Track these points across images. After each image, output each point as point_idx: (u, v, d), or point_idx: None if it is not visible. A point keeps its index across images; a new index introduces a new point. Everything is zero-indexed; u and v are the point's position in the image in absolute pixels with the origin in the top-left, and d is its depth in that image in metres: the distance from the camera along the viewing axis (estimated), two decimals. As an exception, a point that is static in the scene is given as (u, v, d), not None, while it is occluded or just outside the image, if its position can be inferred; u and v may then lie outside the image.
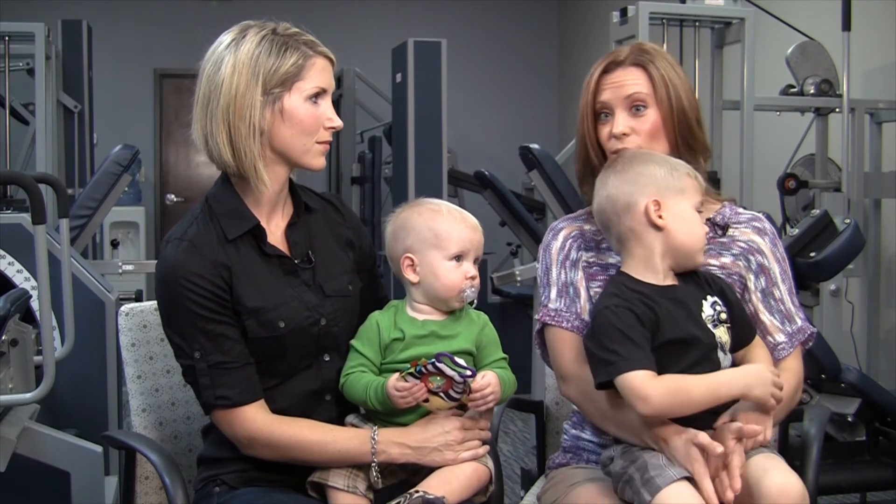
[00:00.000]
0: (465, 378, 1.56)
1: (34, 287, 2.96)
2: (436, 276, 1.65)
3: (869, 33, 4.49)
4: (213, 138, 1.60)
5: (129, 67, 7.42)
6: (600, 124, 1.77)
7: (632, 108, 1.74)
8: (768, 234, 1.79)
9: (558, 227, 1.88)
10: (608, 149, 1.75)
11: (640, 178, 1.61)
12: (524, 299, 5.21)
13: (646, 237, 1.60)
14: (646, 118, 1.73)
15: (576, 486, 1.71)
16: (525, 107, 8.21)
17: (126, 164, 4.06)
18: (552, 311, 1.80)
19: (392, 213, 1.75)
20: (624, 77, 1.75)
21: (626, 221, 1.61)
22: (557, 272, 1.82)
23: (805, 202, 4.21)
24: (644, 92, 1.73)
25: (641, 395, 1.48)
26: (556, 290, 1.81)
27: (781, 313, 1.76)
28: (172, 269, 1.59)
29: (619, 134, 1.72)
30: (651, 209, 1.59)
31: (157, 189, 7.79)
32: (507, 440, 4.67)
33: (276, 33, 1.62)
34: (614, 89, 1.75)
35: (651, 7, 3.80)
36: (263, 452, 1.62)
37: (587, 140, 1.79)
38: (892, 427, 3.24)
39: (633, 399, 1.49)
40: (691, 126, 1.76)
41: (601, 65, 1.79)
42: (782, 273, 1.77)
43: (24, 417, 2.60)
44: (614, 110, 1.75)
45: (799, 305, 1.79)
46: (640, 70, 1.75)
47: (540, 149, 4.53)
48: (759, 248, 1.77)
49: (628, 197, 1.61)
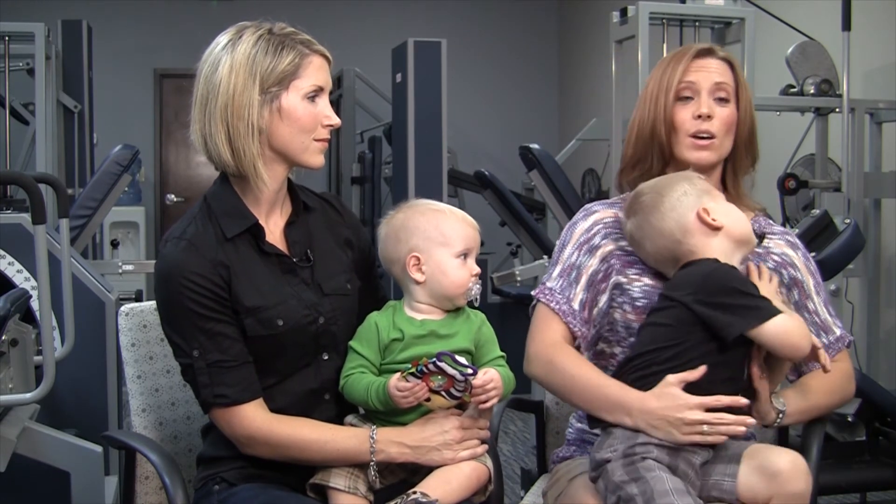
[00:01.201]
0: (467, 376, 1.56)
1: (34, 287, 2.96)
2: (444, 273, 1.66)
3: (869, 33, 4.49)
4: (211, 139, 1.61)
5: (129, 67, 7.42)
6: (679, 105, 1.78)
7: (716, 97, 1.77)
8: (800, 249, 1.83)
9: (592, 209, 1.87)
10: (686, 129, 1.76)
11: (673, 201, 1.66)
12: (524, 299, 5.19)
13: (711, 242, 1.64)
14: (727, 109, 1.78)
15: (577, 478, 1.72)
16: (525, 107, 8.20)
17: (126, 164, 4.06)
18: (547, 289, 1.81)
19: (385, 216, 1.74)
20: (715, 65, 1.79)
21: (687, 243, 1.65)
22: (570, 252, 1.82)
23: (805, 202, 4.21)
24: (730, 84, 1.78)
25: (802, 332, 1.58)
26: (560, 270, 1.82)
27: (817, 325, 1.80)
28: (171, 268, 1.59)
29: (705, 114, 1.75)
30: (703, 215, 1.64)
31: (157, 189, 7.80)
32: (507, 440, 4.67)
33: (272, 33, 1.62)
34: (705, 73, 1.78)
35: (651, 7, 3.80)
36: (262, 451, 1.62)
37: (661, 120, 1.78)
38: (892, 427, 3.24)
39: (794, 337, 1.56)
40: (754, 133, 1.83)
41: (690, 51, 1.81)
42: (816, 285, 1.81)
43: (24, 417, 2.60)
44: (700, 93, 1.77)
45: (835, 315, 1.83)
46: (727, 66, 1.81)
47: (540, 149, 4.54)
48: (791, 262, 1.80)
49: (676, 222, 1.65)
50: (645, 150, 1.81)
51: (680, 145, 1.77)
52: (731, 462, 1.58)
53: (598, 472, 1.58)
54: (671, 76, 1.78)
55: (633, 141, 1.83)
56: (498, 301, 5.39)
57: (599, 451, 1.60)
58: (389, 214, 1.74)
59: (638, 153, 1.82)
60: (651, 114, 1.79)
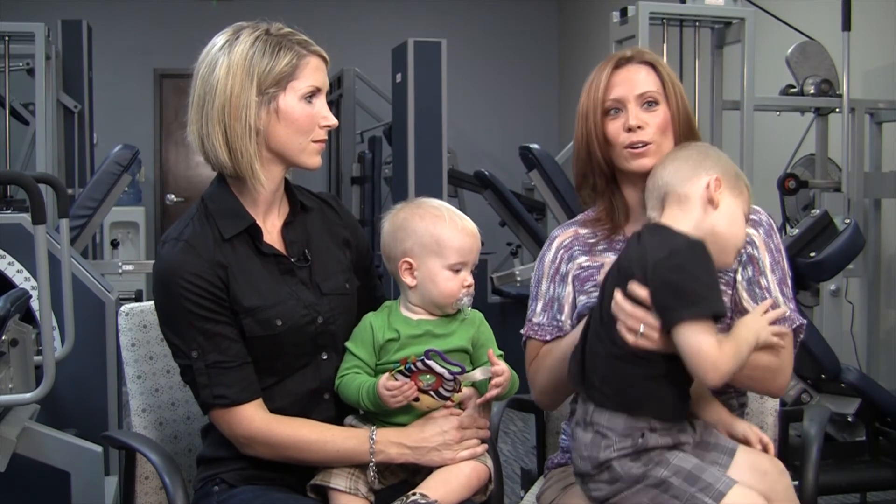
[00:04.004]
0: (455, 375, 1.57)
1: (34, 287, 2.96)
2: (434, 283, 1.65)
3: (869, 33, 4.49)
4: (209, 139, 1.61)
5: (129, 67, 7.43)
6: (609, 120, 1.76)
7: (644, 104, 1.75)
8: (763, 226, 1.78)
9: (553, 236, 1.90)
10: (620, 143, 1.74)
11: (709, 158, 1.63)
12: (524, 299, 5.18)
13: (697, 211, 1.60)
14: (657, 113, 1.75)
15: (571, 486, 1.72)
16: (525, 107, 8.21)
17: (126, 164, 4.06)
18: (535, 325, 1.85)
19: (390, 210, 1.74)
20: (635, 74, 1.76)
21: (685, 187, 1.61)
22: (547, 286, 1.86)
23: (805, 202, 4.21)
24: (655, 90, 1.75)
25: (716, 362, 1.46)
26: (542, 305, 1.86)
27: None
28: (169, 269, 1.59)
29: (635, 126, 1.72)
30: (713, 184, 1.60)
31: (157, 189, 7.80)
32: (507, 440, 4.67)
33: (269, 34, 1.62)
34: (627, 85, 1.75)
35: (651, 7, 3.80)
36: (262, 452, 1.62)
37: (593, 137, 1.77)
38: (892, 427, 3.24)
39: (702, 360, 1.46)
40: (692, 124, 1.79)
41: (609, 63, 1.78)
42: (773, 263, 1.76)
43: (24, 417, 2.60)
44: (626, 105, 1.75)
45: (792, 297, 1.77)
46: (649, 68, 1.77)
47: (540, 149, 4.53)
48: (750, 240, 1.76)
49: (694, 168, 1.62)
50: (585, 167, 1.80)
51: (619, 158, 1.76)
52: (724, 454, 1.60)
53: (598, 470, 1.56)
54: (595, 93, 1.76)
55: (575, 159, 1.83)
56: (498, 301, 5.39)
57: (594, 452, 1.56)
58: (395, 209, 1.73)
59: (581, 170, 1.82)
60: (584, 131, 1.78)
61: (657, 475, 1.51)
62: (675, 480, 1.50)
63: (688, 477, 1.50)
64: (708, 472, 1.51)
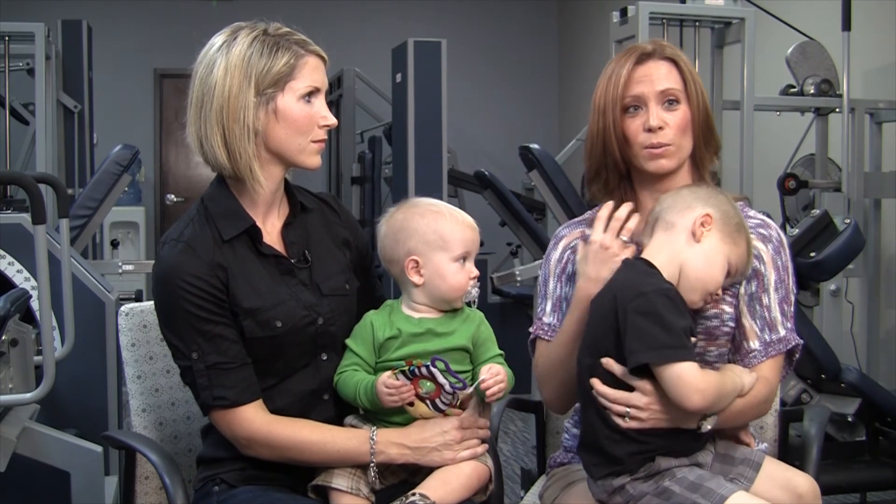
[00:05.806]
0: (456, 389, 1.56)
1: (34, 287, 2.96)
2: (443, 278, 1.65)
3: (869, 33, 4.49)
4: (207, 141, 1.61)
5: (129, 67, 7.43)
6: (628, 118, 1.72)
7: (664, 102, 1.71)
8: (772, 242, 1.74)
9: (560, 236, 1.88)
10: (640, 143, 1.70)
11: (710, 197, 1.63)
12: (524, 299, 5.21)
13: (675, 246, 1.60)
14: (678, 112, 1.71)
15: (572, 485, 1.72)
16: (525, 107, 8.20)
17: (126, 164, 4.05)
18: (546, 325, 1.84)
19: (384, 214, 1.73)
20: (656, 70, 1.71)
21: (675, 214, 1.61)
22: (554, 285, 1.85)
23: (805, 202, 4.21)
24: (676, 87, 1.71)
25: (699, 387, 1.49)
26: (551, 304, 1.84)
27: (764, 320, 1.72)
28: (169, 270, 1.59)
29: (656, 127, 1.69)
30: (700, 221, 1.59)
31: (157, 189, 7.80)
32: (507, 440, 4.67)
33: (267, 34, 1.62)
34: (648, 83, 1.70)
35: (651, 7, 3.80)
36: (262, 452, 1.62)
37: (611, 134, 1.72)
38: (892, 427, 3.24)
39: (684, 388, 1.48)
40: (710, 122, 1.76)
41: (629, 57, 1.73)
42: (778, 281, 1.73)
43: (24, 417, 2.60)
44: (647, 104, 1.70)
45: (792, 316, 1.74)
46: (671, 64, 1.73)
47: (540, 149, 4.53)
48: (758, 255, 1.72)
49: (691, 201, 1.62)
50: (599, 163, 1.76)
51: (636, 157, 1.72)
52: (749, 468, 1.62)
53: (612, 496, 1.58)
54: (615, 88, 1.71)
55: (589, 153, 1.78)
56: (498, 301, 5.39)
57: (610, 480, 1.58)
58: (389, 213, 1.73)
59: (595, 166, 1.77)
60: (600, 126, 1.73)
61: (661, 485, 1.53)
62: (676, 488, 1.51)
63: (690, 486, 1.51)
64: (711, 481, 1.51)
